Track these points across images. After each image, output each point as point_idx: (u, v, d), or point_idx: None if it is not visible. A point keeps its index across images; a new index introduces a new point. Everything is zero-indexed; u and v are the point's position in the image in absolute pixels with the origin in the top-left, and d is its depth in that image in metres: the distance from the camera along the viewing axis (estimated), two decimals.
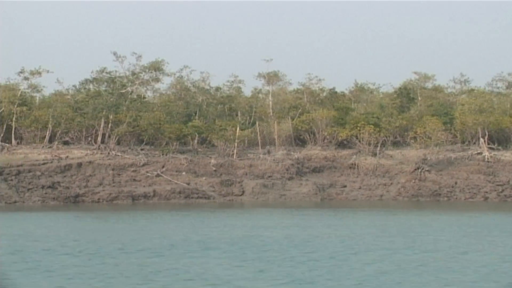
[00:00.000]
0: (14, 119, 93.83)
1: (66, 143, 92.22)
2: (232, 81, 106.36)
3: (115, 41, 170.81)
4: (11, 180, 77.15)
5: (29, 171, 79.49)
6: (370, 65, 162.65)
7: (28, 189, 76.30)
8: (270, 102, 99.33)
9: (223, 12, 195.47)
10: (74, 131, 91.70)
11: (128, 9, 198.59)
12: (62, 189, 77.79)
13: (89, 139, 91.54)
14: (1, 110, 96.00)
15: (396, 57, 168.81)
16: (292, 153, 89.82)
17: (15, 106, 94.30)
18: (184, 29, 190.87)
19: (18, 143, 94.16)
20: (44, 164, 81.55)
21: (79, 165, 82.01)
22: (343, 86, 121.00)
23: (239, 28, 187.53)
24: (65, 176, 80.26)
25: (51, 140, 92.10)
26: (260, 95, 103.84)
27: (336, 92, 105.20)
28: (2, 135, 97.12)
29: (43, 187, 77.03)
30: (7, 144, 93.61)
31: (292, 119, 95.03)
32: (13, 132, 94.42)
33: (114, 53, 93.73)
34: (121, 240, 46.00)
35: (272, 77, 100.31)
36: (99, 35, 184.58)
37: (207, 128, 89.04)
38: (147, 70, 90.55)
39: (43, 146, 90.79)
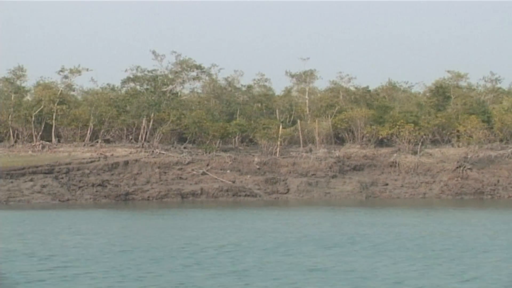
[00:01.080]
0: (54, 117, 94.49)
1: (107, 141, 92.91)
2: (259, 80, 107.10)
3: (142, 39, 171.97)
4: (62, 178, 77.71)
5: (78, 169, 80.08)
6: (399, 63, 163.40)
7: (79, 187, 76.88)
8: (307, 101, 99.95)
9: (247, 11, 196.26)
10: (115, 130, 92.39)
11: (156, 8, 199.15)
12: (112, 187, 78.39)
13: (130, 137, 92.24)
14: (40, 108, 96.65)
15: (424, 56, 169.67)
16: (333, 151, 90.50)
17: (55, 104, 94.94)
18: (210, 28, 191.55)
19: (58, 142, 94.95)
20: (91, 162, 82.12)
21: (126, 163, 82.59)
22: (371, 84, 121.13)
23: (264, 27, 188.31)
24: (112, 174, 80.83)
25: (91, 139, 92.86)
26: (295, 93, 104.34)
27: (369, 91, 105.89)
28: (40, 133, 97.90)
29: (93, 185, 77.61)
30: (47, 143, 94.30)
31: (329, 117, 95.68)
32: (53, 130, 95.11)
33: (153, 52, 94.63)
34: (246, 238, 45.56)
35: (308, 76, 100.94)
36: (129, 33, 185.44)
37: (250, 127, 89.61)
38: (188, 69, 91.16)
39: (84, 145, 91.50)
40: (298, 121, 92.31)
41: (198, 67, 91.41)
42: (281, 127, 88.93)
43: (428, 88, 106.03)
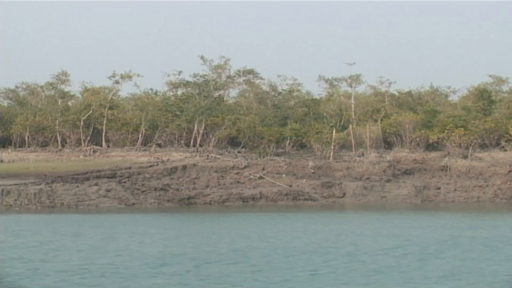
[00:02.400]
0: (104, 122, 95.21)
1: (158, 145, 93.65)
2: (292, 84, 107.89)
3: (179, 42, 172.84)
4: (125, 182, 78.37)
5: (139, 174, 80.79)
6: (438, 67, 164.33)
7: (142, 191, 77.54)
8: (352, 105, 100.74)
9: (285, 14, 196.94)
10: (167, 134, 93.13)
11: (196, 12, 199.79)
12: (173, 191, 79.05)
13: (181, 142, 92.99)
14: (89, 113, 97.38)
15: (463, 60, 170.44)
16: (384, 155, 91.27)
17: (106, 109, 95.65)
18: (247, 32, 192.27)
19: (108, 146, 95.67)
20: (150, 166, 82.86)
21: (184, 167, 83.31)
22: (406, 88, 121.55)
23: (293, 30, 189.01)
24: (172, 179, 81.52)
25: (142, 143, 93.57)
26: (339, 97, 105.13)
27: (412, 95, 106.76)
28: (88, 138, 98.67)
29: (155, 189, 78.29)
30: (98, 147, 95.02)
31: (375, 121, 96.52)
32: (103, 135, 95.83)
33: (201, 57, 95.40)
34: (355, 242, 46.02)
35: (353, 80, 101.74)
36: (160, 37, 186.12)
37: (304, 131, 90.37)
38: (241, 74, 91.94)
39: (136, 149, 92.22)
40: (350, 126, 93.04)
41: (251, 72, 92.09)
42: (334, 131, 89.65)
43: (470, 92, 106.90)
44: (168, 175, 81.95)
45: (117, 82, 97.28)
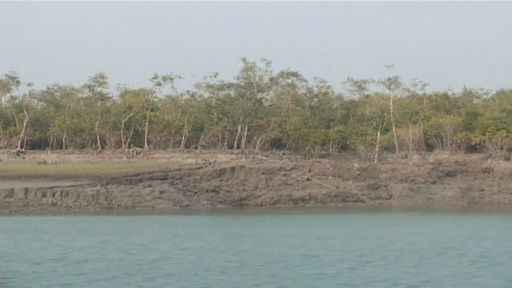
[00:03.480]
0: (147, 124, 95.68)
1: (202, 147, 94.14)
2: (321, 86, 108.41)
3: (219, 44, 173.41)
4: (177, 184, 78.83)
5: (189, 175, 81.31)
6: (467, 69, 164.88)
7: (195, 193, 77.98)
8: (391, 107, 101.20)
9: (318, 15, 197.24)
10: (209, 136, 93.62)
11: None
12: (224, 193, 79.51)
13: (224, 143, 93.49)
14: (130, 115, 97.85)
15: (489, 62, 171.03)
16: (426, 157, 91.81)
17: (148, 111, 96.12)
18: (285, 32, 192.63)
19: (149, 148, 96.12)
20: (199, 168, 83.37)
21: (233, 169, 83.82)
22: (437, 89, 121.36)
23: (322, 30, 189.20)
24: (221, 180, 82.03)
25: (184, 145, 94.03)
26: (377, 99, 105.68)
27: (448, 97, 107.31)
28: (129, 140, 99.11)
29: (207, 191, 78.78)
30: (141, 149, 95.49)
31: (414, 123, 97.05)
32: (145, 137, 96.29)
33: (243, 59, 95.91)
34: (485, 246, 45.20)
35: (392, 83, 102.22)
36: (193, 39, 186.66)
37: (350, 133, 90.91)
38: (284, 76, 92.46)
39: (180, 151, 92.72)
40: (393, 128, 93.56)
41: (295, 74, 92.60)
42: (379, 133, 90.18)
43: (504, 94, 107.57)
44: (217, 177, 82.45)
45: (158, 84, 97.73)
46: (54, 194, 70.91)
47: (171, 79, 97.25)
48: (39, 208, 69.01)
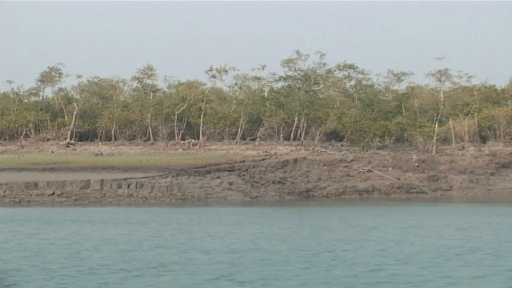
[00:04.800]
0: (202, 116, 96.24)
1: (254, 139, 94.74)
2: (362, 78, 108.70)
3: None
4: (244, 176, 79.43)
5: (254, 167, 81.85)
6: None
7: (262, 184, 78.59)
8: (442, 99, 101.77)
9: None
10: (266, 128, 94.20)
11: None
12: (290, 184, 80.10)
13: (280, 135, 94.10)
14: (184, 107, 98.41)
15: None
16: (482, 149, 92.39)
17: (204, 103, 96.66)
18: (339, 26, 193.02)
19: (206, 140, 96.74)
20: (262, 160, 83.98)
21: (295, 161, 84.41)
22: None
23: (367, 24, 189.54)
24: (285, 172, 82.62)
25: (240, 137, 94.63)
26: (429, 92, 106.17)
27: (496, 89, 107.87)
28: (182, 131, 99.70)
29: (273, 182, 79.36)
30: (197, 141, 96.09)
31: (465, 115, 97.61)
32: (200, 129, 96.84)
33: (297, 52, 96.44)
34: None
35: (442, 75, 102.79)
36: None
37: (409, 125, 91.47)
38: (341, 68, 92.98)
39: (236, 142, 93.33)
40: (450, 120, 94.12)
41: (351, 67, 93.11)
42: (437, 125, 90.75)
43: None
44: (281, 168, 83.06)
45: (213, 76, 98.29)
46: (129, 186, 71.60)
47: (226, 71, 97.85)
48: (116, 199, 69.68)
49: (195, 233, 44.66)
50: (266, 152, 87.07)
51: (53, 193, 68.83)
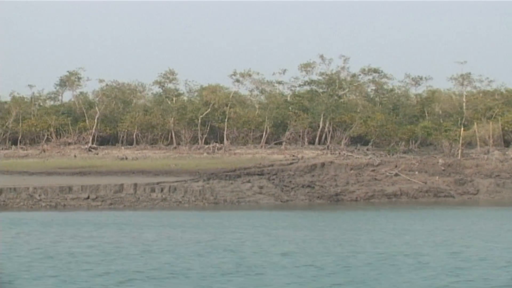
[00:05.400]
0: (226, 120, 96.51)
1: (279, 143, 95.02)
2: (384, 82, 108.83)
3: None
4: (273, 179, 79.70)
5: (282, 171, 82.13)
6: None
7: (292, 188, 78.85)
8: (464, 104, 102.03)
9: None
10: (290, 132, 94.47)
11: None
12: (319, 188, 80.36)
13: (305, 139, 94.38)
14: (208, 111, 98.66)
15: None
16: (506, 153, 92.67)
17: (228, 107, 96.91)
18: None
19: (230, 144, 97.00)
20: (290, 164, 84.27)
21: (322, 165, 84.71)
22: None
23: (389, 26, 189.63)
24: (313, 176, 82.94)
25: (265, 141, 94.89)
26: (450, 96, 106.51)
27: None
28: (205, 135, 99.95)
29: (302, 186, 79.63)
30: (221, 144, 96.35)
31: (488, 119, 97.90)
32: (225, 133, 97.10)
33: (321, 56, 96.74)
34: None
35: (465, 79, 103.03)
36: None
37: (434, 129, 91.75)
38: (365, 72, 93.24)
39: (261, 146, 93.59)
40: (475, 124, 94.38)
41: (376, 71, 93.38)
42: (462, 129, 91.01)
43: None
44: (309, 172, 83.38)
45: (237, 80, 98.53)
46: (162, 190, 71.87)
47: (250, 75, 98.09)
48: (150, 203, 69.95)
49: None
50: (293, 156, 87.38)
51: (88, 197, 69.07)
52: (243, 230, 49.25)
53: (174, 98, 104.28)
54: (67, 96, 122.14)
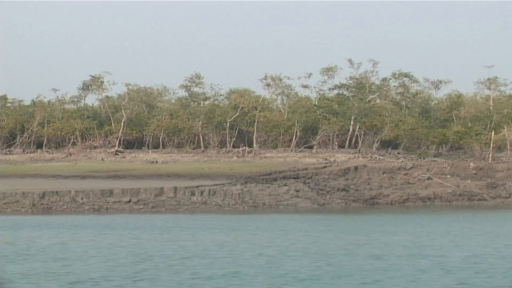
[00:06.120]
0: (256, 124, 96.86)
1: (309, 147, 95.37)
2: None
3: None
4: (309, 183, 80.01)
5: (316, 175, 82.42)
6: None
7: (327, 192, 79.15)
8: (491, 107, 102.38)
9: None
10: (320, 136, 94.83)
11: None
12: (353, 192, 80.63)
13: (334, 143, 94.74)
14: (236, 114, 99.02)
15: None
16: None
17: (258, 111, 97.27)
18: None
19: (258, 147, 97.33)
20: (324, 167, 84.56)
21: (356, 168, 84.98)
22: None
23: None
24: (347, 179, 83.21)
25: (295, 144, 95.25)
26: (477, 100, 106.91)
27: None
28: (233, 139, 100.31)
29: (338, 189, 79.91)
30: (251, 148, 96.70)
31: None
32: (254, 136, 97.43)
33: (349, 60, 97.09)
34: None
35: (492, 83, 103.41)
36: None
37: (465, 133, 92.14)
38: (396, 77, 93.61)
39: (291, 150, 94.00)
40: (505, 127, 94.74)
41: (407, 75, 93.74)
42: (493, 133, 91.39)
43: None
44: (343, 176, 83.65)
45: (268, 84, 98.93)
46: (202, 193, 72.19)
47: (280, 79, 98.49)
48: (191, 207, 70.34)
49: None
50: (326, 159, 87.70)
51: (130, 201, 69.44)
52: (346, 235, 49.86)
53: (202, 102, 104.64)
54: (90, 99, 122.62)
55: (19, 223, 56.25)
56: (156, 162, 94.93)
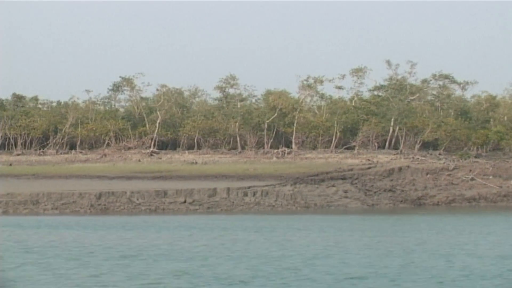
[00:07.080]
0: (295, 125, 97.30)
1: (350, 148, 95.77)
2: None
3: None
4: (356, 184, 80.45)
5: (362, 175, 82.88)
6: None
7: (374, 192, 79.60)
8: None
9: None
10: (359, 137, 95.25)
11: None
12: (400, 192, 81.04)
13: (375, 144, 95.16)
14: (274, 116, 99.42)
15: None
16: None
17: (297, 112, 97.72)
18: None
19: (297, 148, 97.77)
20: (368, 168, 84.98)
21: (400, 169, 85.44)
22: None
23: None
24: (392, 180, 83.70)
25: (336, 145, 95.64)
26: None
27: None
28: (271, 140, 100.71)
29: (384, 190, 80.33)
30: (290, 149, 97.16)
31: None
32: (293, 138, 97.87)
33: (387, 61, 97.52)
34: None
35: None
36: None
37: (506, 133, 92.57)
38: (436, 78, 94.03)
39: (331, 151, 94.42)
40: None
41: (447, 77, 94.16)
42: None
43: None
44: (387, 177, 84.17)
45: (309, 86, 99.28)
46: (254, 194, 72.63)
47: (321, 81, 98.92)
48: (245, 207, 70.80)
49: None
50: (369, 160, 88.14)
51: (185, 201, 69.87)
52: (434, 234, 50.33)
53: (238, 103, 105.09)
54: (120, 101, 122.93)
55: (133, 223, 56.18)
56: (196, 163, 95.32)
